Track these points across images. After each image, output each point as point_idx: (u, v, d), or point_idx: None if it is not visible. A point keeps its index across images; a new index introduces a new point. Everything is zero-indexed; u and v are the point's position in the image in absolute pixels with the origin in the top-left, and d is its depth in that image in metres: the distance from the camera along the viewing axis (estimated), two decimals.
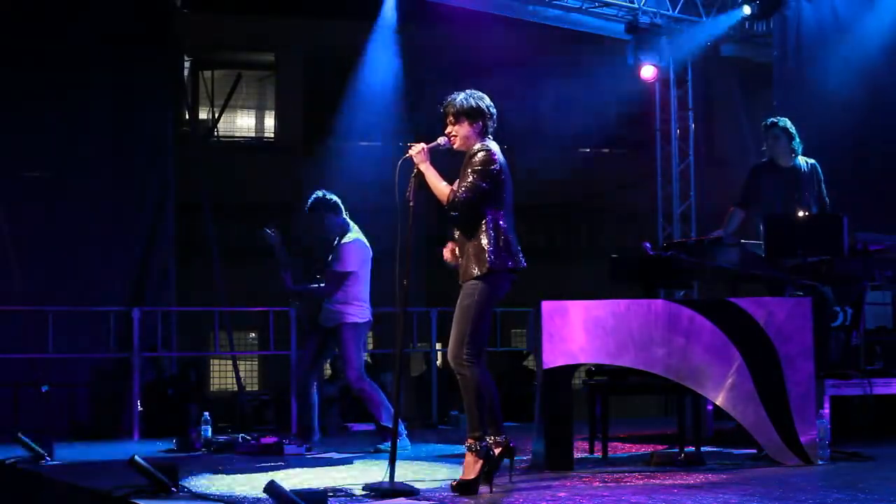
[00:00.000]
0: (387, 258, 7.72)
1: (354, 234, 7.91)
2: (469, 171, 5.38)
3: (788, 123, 7.75)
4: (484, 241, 5.34)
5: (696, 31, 12.66)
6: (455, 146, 5.52)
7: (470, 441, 5.27)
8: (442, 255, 5.56)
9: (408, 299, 5.38)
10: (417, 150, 5.46)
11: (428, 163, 5.45)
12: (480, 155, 5.39)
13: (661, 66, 13.01)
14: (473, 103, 5.48)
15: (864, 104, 10.56)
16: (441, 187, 5.41)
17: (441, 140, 5.53)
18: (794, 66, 11.69)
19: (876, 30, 10.68)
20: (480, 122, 5.48)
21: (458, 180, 5.39)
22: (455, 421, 10.79)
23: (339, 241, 7.89)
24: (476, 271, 5.33)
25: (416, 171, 5.44)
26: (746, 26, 12.69)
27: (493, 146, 5.47)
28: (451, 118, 5.51)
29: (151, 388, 10.89)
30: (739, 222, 7.86)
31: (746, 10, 11.99)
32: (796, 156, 7.73)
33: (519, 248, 5.45)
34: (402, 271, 5.34)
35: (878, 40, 10.61)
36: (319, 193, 7.98)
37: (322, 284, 7.92)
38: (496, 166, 5.39)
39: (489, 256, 5.32)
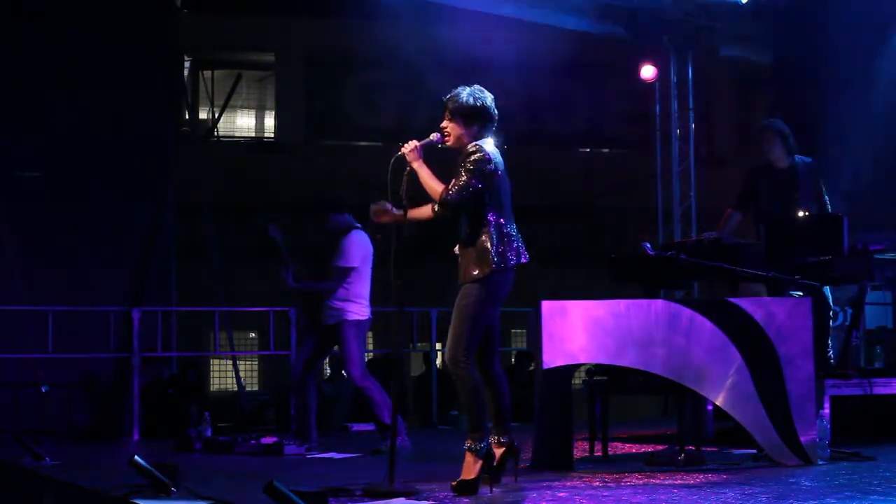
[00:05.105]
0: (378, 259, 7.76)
1: (356, 230, 7.91)
2: (462, 170, 5.30)
3: (781, 125, 7.73)
4: (487, 243, 5.28)
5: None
6: (448, 144, 5.44)
7: (469, 441, 5.27)
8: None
9: (403, 299, 5.35)
10: (410, 147, 5.39)
11: (421, 161, 5.37)
12: (475, 155, 5.31)
13: (660, 66, 13.01)
14: (474, 103, 5.39)
15: (863, 103, 10.56)
16: (433, 186, 5.33)
17: (434, 136, 5.45)
18: (793, 66, 11.69)
19: (875, 28, 10.68)
20: (477, 124, 5.40)
21: (452, 180, 5.32)
22: (455, 421, 10.80)
23: (341, 237, 7.88)
24: (478, 273, 5.29)
25: (408, 169, 5.38)
26: (749, 26, 12.68)
27: (489, 146, 5.38)
28: (449, 113, 5.43)
29: (151, 388, 10.89)
30: (736, 224, 7.85)
31: None
32: (792, 156, 7.72)
33: (522, 243, 5.40)
34: (396, 271, 5.31)
35: (877, 39, 10.62)
36: (322, 192, 8.00)
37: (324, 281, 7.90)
38: (491, 166, 5.31)
39: (493, 258, 5.26)
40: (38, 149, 11.13)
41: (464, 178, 5.29)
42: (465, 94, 5.42)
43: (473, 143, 5.37)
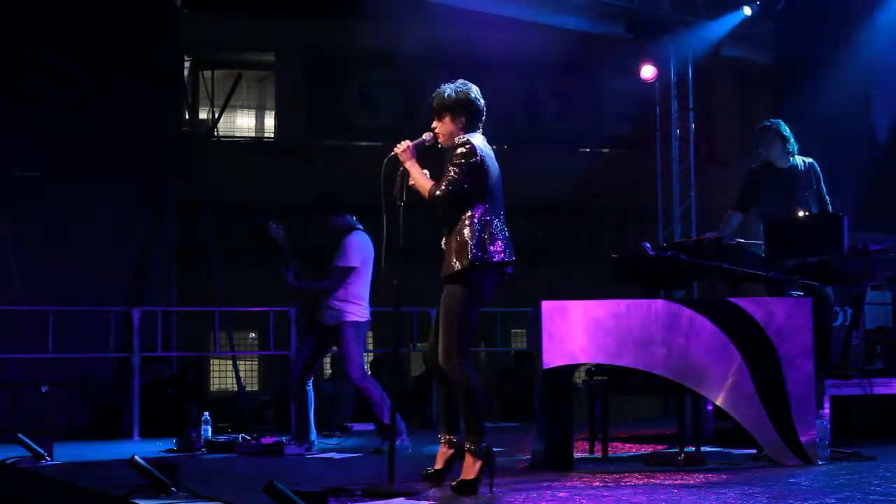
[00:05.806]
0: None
1: (358, 231, 7.91)
2: (450, 165, 5.25)
3: (782, 126, 7.72)
4: (467, 234, 5.21)
5: (699, 32, 12.63)
6: (442, 142, 5.40)
7: (468, 442, 5.26)
8: None
9: (399, 298, 5.34)
10: (402, 147, 5.36)
11: (413, 160, 5.35)
12: (461, 149, 5.25)
13: (660, 66, 13.01)
14: (457, 96, 5.35)
15: (863, 104, 10.57)
16: (424, 184, 5.29)
17: (426, 136, 5.42)
18: (793, 66, 11.69)
19: (875, 28, 10.68)
20: (465, 117, 5.35)
21: (443, 177, 5.28)
22: None
23: (342, 237, 7.88)
24: (458, 266, 5.21)
25: (401, 169, 5.35)
26: (749, 26, 12.68)
27: (476, 139, 5.33)
28: (436, 112, 5.40)
29: (151, 388, 10.89)
30: (737, 225, 7.85)
31: (747, 10, 11.99)
32: (792, 156, 7.72)
33: (509, 241, 5.31)
34: (392, 271, 5.29)
35: (877, 38, 10.62)
36: (323, 193, 8.00)
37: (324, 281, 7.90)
38: (476, 159, 5.24)
39: (472, 250, 5.19)
40: (38, 149, 11.12)
41: (451, 174, 5.24)
42: (448, 89, 5.40)
43: (461, 136, 5.32)
